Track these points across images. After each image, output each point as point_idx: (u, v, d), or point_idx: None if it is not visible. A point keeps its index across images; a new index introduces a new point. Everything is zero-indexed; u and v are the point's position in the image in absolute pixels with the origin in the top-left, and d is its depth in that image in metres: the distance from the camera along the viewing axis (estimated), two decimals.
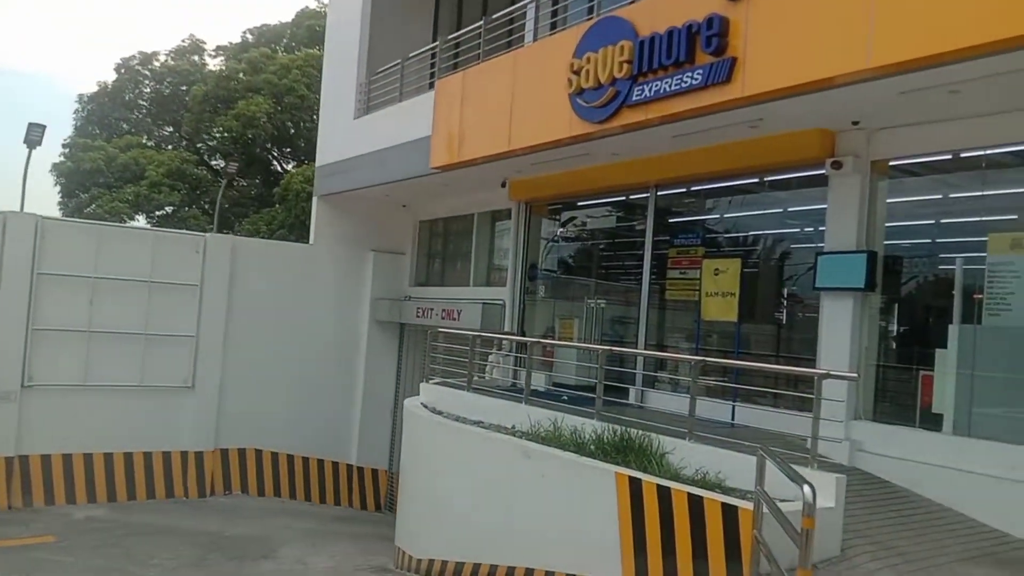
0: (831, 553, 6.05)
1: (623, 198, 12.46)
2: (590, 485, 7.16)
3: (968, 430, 7.79)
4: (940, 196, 9.05)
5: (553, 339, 13.23)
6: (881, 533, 6.58)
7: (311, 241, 16.59)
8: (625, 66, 8.71)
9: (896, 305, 9.12)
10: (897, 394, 8.99)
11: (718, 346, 10.80)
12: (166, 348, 14.25)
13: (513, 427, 9.15)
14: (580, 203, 13.36)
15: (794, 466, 6.42)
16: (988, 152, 7.96)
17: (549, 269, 14.01)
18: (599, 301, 12.54)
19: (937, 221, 9.38)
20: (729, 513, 5.96)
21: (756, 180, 10.43)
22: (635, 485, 6.70)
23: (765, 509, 5.34)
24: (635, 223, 12.25)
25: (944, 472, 7.62)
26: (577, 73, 9.35)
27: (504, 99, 10.70)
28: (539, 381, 12.12)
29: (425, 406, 10.75)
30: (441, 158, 12.05)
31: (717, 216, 11.50)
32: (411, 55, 14.07)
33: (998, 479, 7.22)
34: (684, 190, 11.50)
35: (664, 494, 6.46)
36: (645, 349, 11.32)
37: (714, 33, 7.71)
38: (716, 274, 10.25)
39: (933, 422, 8.11)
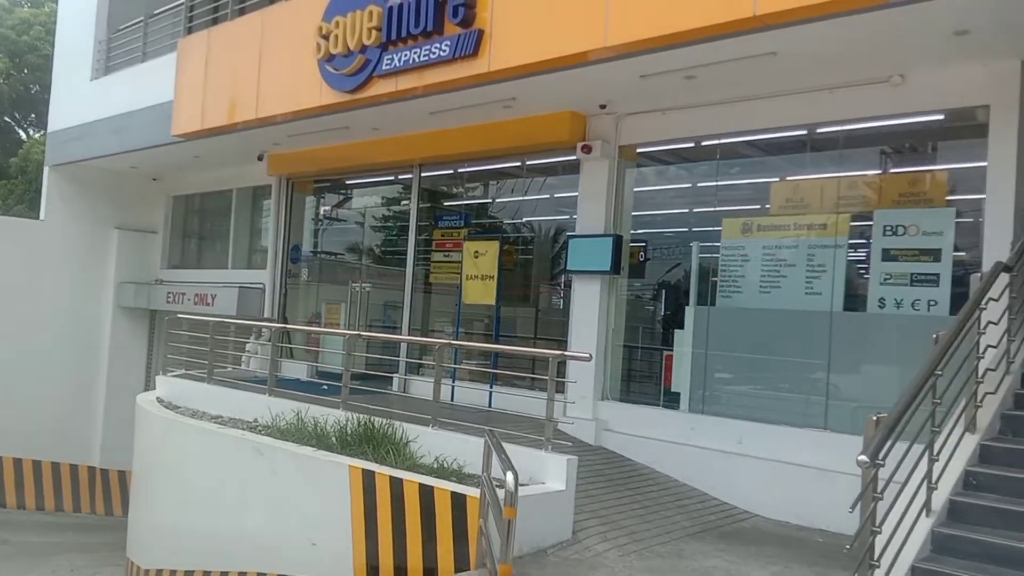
0: (563, 536, 5.94)
1: (390, 177, 11.99)
2: (323, 480, 6.64)
3: (702, 407, 8.10)
4: (683, 184, 9.41)
5: (319, 325, 12.53)
6: (615, 513, 6.60)
7: (42, 216, 14.61)
8: (374, 33, 8.21)
9: (644, 288, 9.37)
10: (643, 374, 9.25)
11: (479, 330, 10.66)
12: None
13: (255, 421, 8.42)
14: (346, 181, 12.72)
15: (530, 449, 6.33)
16: (723, 141, 8.28)
17: (314, 250, 13.25)
18: (364, 285, 11.99)
19: (684, 209, 9.75)
20: (458, 502, 5.68)
21: (518, 163, 10.35)
22: (368, 478, 6.26)
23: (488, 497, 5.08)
24: (401, 203, 11.82)
25: (681, 448, 7.88)
26: (326, 38, 8.72)
27: (251, 63, 9.83)
28: (302, 371, 11.48)
29: (160, 401, 9.70)
30: (184, 125, 10.94)
31: (480, 198, 11.37)
32: (156, 11, 12.69)
33: (727, 453, 7.55)
34: (450, 171, 11.22)
35: (396, 485, 6.07)
36: (410, 334, 10.94)
37: (461, 2, 7.40)
38: (476, 256, 10.04)
39: (673, 400, 8.37)
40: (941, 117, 7.08)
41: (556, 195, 10.34)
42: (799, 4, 5.51)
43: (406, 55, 8.01)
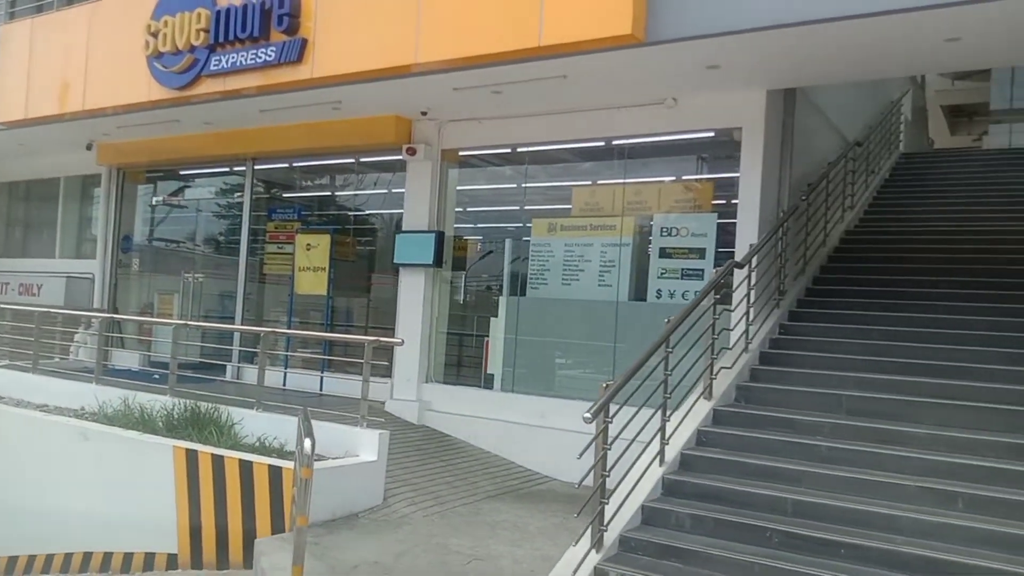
0: (374, 502, 6.66)
1: (226, 169, 12.19)
2: (149, 461, 7.01)
3: (512, 386, 9.03)
4: (501, 185, 10.30)
5: (152, 315, 12.57)
6: (425, 481, 7.40)
7: None
8: (203, 34, 8.55)
9: (467, 280, 10.21)
10: (465, 359, 10.08)
11: (315, 319, 11.15)
12: None
13: (82, 409, 8.59)
14: (180, 171, 12.79)
15: (348, 427, 7.01)
16: (534, 148, 9.23)
17: (148, 240, 13.24)
18: (198, 275, 12.17)
19: (502, 208, 10.62)
20: (275, 474, 6.27)
21: (351, 160, 10.90)
22: (192, 457, 6.72)
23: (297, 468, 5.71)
24: (236, 196, 12.07)
25: (494, 424, 8.77)
26: (155, 36, 8.96)
27: (79, 55, 9.85)
28: (134, 360, 11.59)
29: None
30: (6, 113, 10.77)
31: (313, 192, 11.84)
32: None
33: (531, 426, 8.50)
34: (285, 165, 11.62)
35: (218, 462, 6.58)
36: (243, 324, 11.28)
37: (286, 12, 7.90)
38: (308, 249, 10.55)
39: (489, 382, 9.27)
40: (710, 135, 8.30)
41: (392, 191, 10.91)
42: (573, 39, 6.46)
43: (234, 57, 8.41)
